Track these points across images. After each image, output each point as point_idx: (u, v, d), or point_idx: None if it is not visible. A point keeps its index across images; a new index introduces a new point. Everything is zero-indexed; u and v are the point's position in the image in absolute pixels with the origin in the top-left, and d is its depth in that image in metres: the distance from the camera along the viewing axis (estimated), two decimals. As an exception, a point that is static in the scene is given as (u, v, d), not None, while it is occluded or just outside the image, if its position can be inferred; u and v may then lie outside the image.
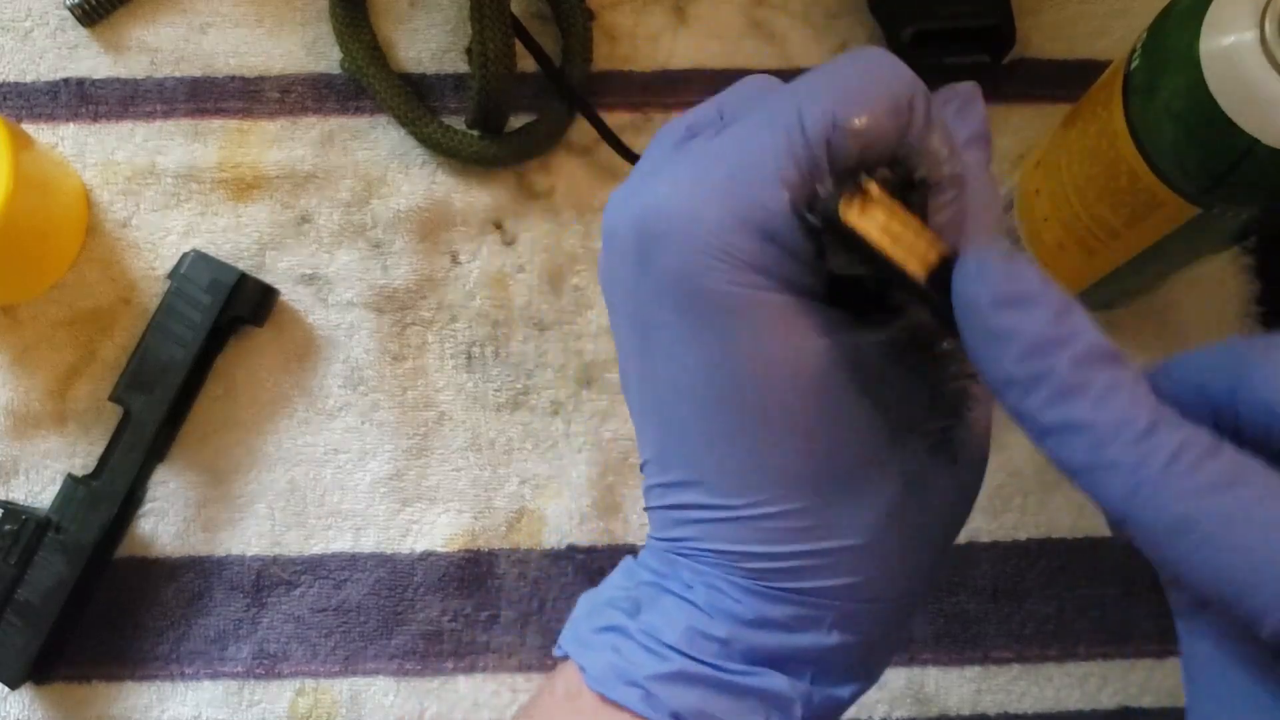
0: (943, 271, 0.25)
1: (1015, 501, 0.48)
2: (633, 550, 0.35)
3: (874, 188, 0.25)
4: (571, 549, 0.48)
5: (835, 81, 0.26)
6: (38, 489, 0.48)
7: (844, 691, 0.28)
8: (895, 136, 0.26)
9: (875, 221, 0.25)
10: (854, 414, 0.26)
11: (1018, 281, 0.24)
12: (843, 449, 0.27)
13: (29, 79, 0.51)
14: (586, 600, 0.31)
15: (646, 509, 0.30)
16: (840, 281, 0.27)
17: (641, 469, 0.30)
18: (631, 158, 0.49)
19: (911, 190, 0.26)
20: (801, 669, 0.28)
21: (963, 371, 0.28)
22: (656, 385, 0.28)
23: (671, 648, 0.28)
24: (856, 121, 0.25)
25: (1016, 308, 0.24)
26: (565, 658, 0.30)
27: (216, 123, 0.50)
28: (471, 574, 0.48)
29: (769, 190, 0.25)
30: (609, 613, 0.29)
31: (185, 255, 0.48)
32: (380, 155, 0.50)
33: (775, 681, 0.27)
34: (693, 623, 0.28)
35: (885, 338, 0.27)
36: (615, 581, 0.31)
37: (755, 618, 0.27)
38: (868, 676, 0.29)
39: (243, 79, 0.51)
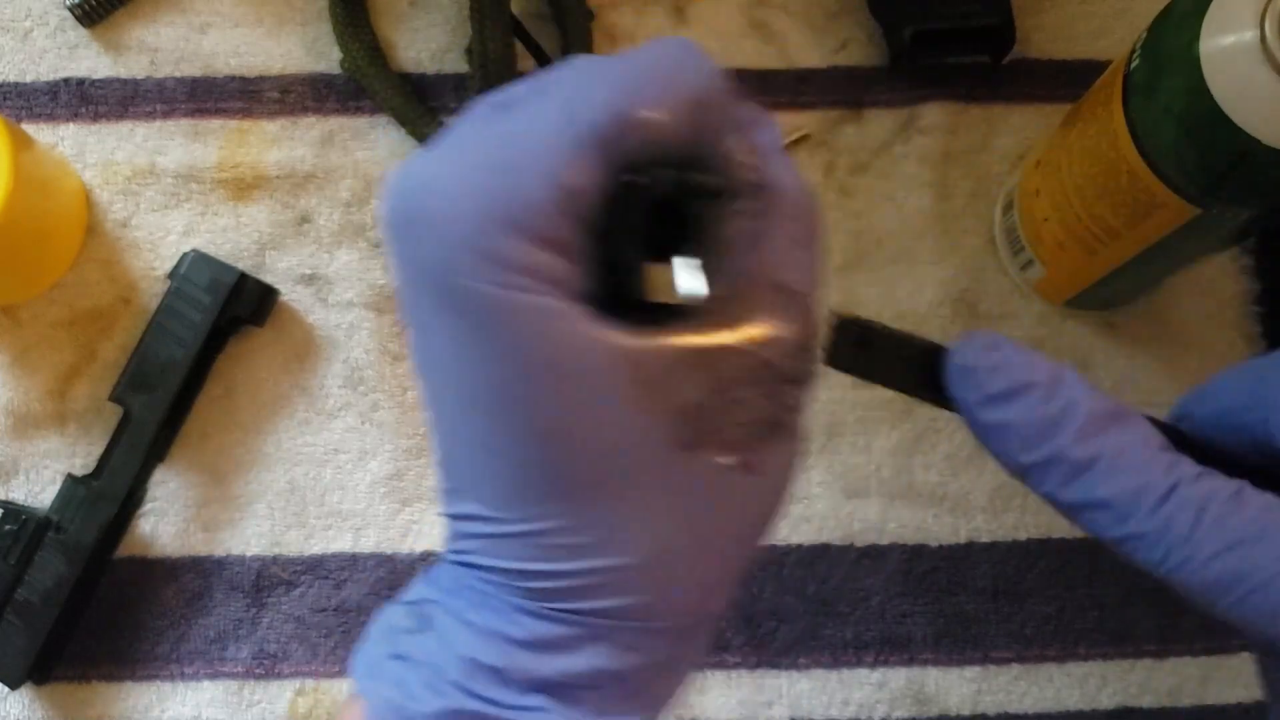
0: (931, 366, 0.26)
1: (1015, 501, 0.48)
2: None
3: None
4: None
5: (627, 70, 0.24)
6: (38, 489, 0.48)
7: None
8: (688, 135, 0.23)
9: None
10: (626, 426, 0.24)
11: (1002, 374, 0.25)
12: (613, 462, 0.24)
13: (29, 79, 0.51)
14: (384, 614, 0.29)
15: (439, 515, 0.27)
16: (619, 282, 0.24)
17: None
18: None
19: (699, 197, 0.24)
20: (579, 697, 0.26)
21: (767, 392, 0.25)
22: (430, 378, 0.25)
23: (450, 681, 0.26)
24: (642, 115, 0.23)
25: (1007, 401, 0.25)
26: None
27: (216, 123, 0.50)
28: (471, 574, 0.48)
29: (536, 187, 0.23)
30: (398, 638, 0.27)
31: (185, 255, 0.48)
32: (380, 155, 0.50)
33: (546, 718, 0.25)
34: (470, 651, 0.26)
35: (666, 345, 0.24)
36: (415, 592, 0.28)
37: (530, 638, 0.25)
38: (651, 706, 0.27)
39: (243, 79, 0.51)
